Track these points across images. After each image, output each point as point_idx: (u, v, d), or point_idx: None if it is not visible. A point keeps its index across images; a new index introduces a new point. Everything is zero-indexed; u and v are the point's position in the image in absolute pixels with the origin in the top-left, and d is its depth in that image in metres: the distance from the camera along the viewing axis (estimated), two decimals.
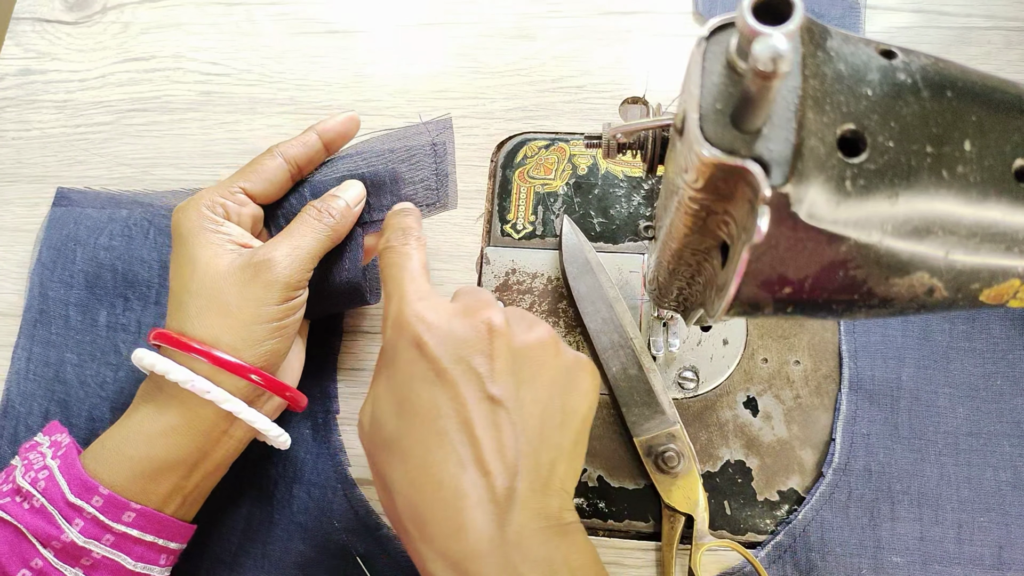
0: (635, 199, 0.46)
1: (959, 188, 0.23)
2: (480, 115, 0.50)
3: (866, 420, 0.41)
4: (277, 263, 0.35)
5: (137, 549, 0.34)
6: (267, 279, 0.34)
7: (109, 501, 0.33)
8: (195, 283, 0.35)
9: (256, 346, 0.35)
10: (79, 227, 0.48)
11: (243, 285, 0.34)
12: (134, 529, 0.34)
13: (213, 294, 0.34)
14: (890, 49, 0.24)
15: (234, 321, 0.34)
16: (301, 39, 0.53)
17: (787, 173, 0.21)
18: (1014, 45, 0.49)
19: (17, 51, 0.55)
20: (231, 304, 0.34)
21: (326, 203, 0.37)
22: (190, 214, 0.36)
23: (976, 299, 0.26)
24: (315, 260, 0.37)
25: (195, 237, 0.35)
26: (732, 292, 0.25)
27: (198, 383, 0.34)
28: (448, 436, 0.28)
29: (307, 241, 0.36)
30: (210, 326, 0.34)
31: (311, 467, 0.43)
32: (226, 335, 0.34)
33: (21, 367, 0.46)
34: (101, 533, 0.33)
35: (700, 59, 0.23)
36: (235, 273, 0.35)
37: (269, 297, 0.34)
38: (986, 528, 0.39)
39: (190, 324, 0.34)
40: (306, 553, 0.41)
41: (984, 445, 0.40)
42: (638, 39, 0.51)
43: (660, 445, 0.40)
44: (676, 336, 0.42)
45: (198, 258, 0.35)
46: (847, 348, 0.42)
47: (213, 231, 0.36)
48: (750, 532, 0.40)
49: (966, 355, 0.42)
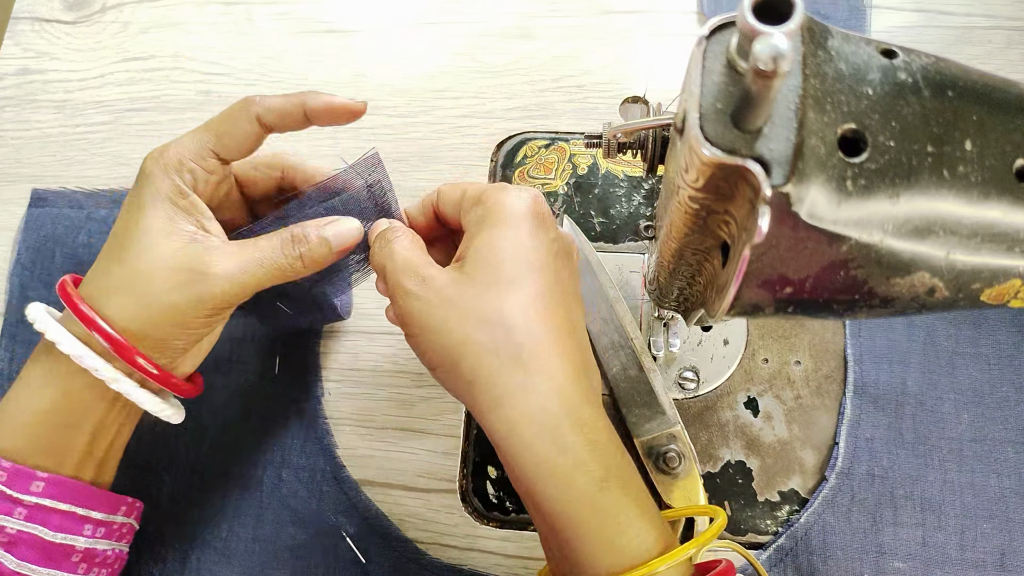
0: (635, 199, 0.46)
1: (960, 188, 0.23)
2: (480, 115, 0.50)
3: (870, 424, 0.41)
4: (215, 281, 0.32)
5: (54, 519, 0.33)
6: (200, 293, 0.32)
7: (13, 473, 0.32)
8: (131, 255, 0.32)
9: (160, 342, 0.33)
10: (57, 226, 0.49)
11: (173, 287, 0.32)
12: (46, 499, 0.33)
13: (141, 277, 0.32)
14: (891, 48, 0.24)
15: (150, 316, 0.32)
16: (301, 39, 0.53)
17: (788, 173, 0.21)
18: (1015, 45, 0.49)
19: (16, 51, 0.55)
20: (154, 299, 0.32)
21: (306, 231, 0.34)
22: (157, 175, 0.33)
23: (977, 299, 0.26)
24: (261, 287, 0.34)
25: (152, 203, 0.33)
26: (733, 292, 0.25)
27: (88, 360, 0.32)
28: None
29: (261, 269, 0.33)
30: (126, 308, 0.32)
31: (299, 451, 0.43)
32: (135, 324, 0.32)
33: (4, 368, 0.47)
34: (11, 507, 0.32)
35: (700, 58, 0.23)
36: (172, 269, 0.32)
37: (193, 309, 0.32)
38: (989, 534, 0.39)
39: (107, 299, 0.32)
40: (297, 536, 0.42)
41: (988, 451, 0.40)
42: (638, 38, 0.51)
43: (661, 446, 0.40)
44: (676, 336, 0.42)
45: (148, 230, 0.32)
46: (852, 352, 0.42)
47: (174, 203, 0.33)
48: (750, 533, 0.40)
49: (972, 361, 0.42)
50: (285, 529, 0.42)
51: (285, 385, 0.45)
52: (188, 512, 0.43)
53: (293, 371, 0.44)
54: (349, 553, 0.41)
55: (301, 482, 0.43)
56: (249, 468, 0.43)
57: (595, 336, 0.42)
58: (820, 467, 0.41)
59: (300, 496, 0.43)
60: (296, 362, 0.45)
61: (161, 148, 0.34)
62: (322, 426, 0.44)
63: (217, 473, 0.43)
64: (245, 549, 0.42)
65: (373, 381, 0.45)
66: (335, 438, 0.44)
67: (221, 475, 0.43)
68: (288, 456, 0.43)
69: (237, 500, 0.43)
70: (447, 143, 0.49)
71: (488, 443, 0.42)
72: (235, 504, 0.43)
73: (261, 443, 0.44)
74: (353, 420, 0.44)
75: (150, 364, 0.33)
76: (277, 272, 0.33)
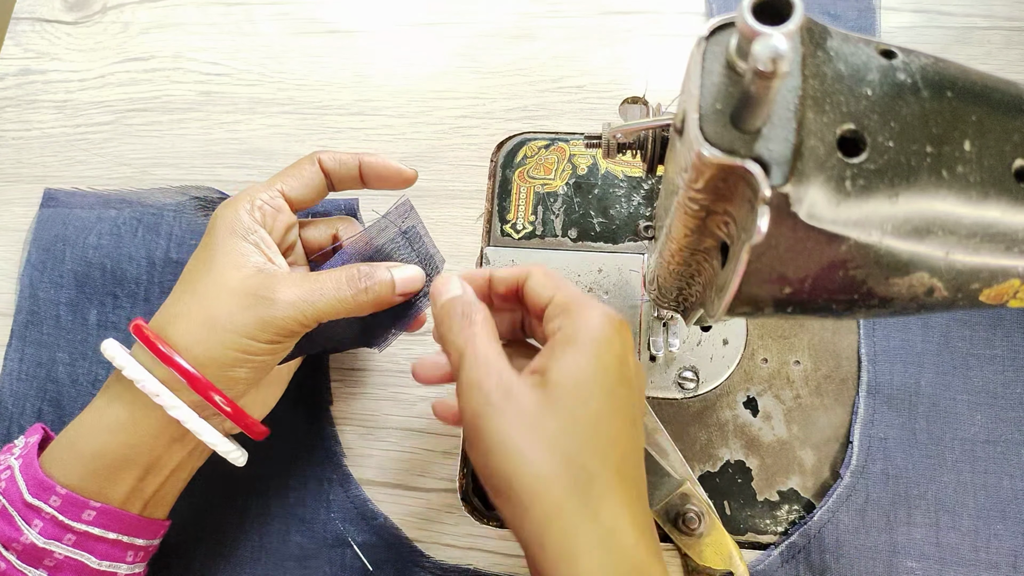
0: (635, 199, 0.46)
1: (959, 188, 0.23)
2: (480, 115, 0.50)
3: (884, 424, 0.41)
4: (279, 307, 0.33)
5: (101, 547, 0.33)
6: (262, 316, 0.33)
7: (67, 500, 0.33)
8: (200, 286, 0.34)
9: (224, 369, 0.33)
10: (67, 227, 0.49)
11: (239, 309, 0.33)
12: (96, 527, 0.33)
13: (209, 304, 0.33)
14: (890, 49, 0.24)
15: (213, 337, 0.33)
16: (301, 39, 0.53)
17: (787, 173, 0.21)
18: (1014, 45, 0.49)
19: (17, 51, 0.55)
20: (218, 321, 0.33)
21: (373, 270, 0.35)
22: (231, 213, 0.35)
23: (976, 299, 0.26)
24: (322, 318, 0.34)
25: (225, 239, 0.34)
26: (732, 292, 0.25)
27: (149, 384, 0.33)
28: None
29: (324, 300, 0.34)
30: (190, 333, 0.33)
31: (305, 459, 0.43)
32: (199, 347, 0.33)
33: (13, 368, 0.46)
34: (62, 533, 0.32)
35: (700, 59, 0.23)
36: (238, 294, 0.33)
37: (256, 333, 0.33)
38: (1002, 536, 0.39)
39: (173, 325, 0.33)
40: (303, 544, 0.42)
41: (1002, 453, 0.40)
42: (638, 39, 0.51)
43: (676, 507, 0.39)
44: (676, 336, 0.42)
45: (217, 262, 0.34)
46: (866, 351, 0.42)
47: (244, 238, 0.34)
48: (750, 532, 0.40)
49: (986, 362, 0.42)
50: (291, 537, 0.42)
51: (293, 393, 0.45)
52: (194, 519, 0.42)
53: (299, 378, 0.44)
54: (356, 562, 0.41)
55: (308, 490, 0.43)
56: (255, 476, 0.43)
57: None
58: (819, 467, 0.41)
59: (307, 504, 0.42)
60: (305, 370, 0.44)
61: (237, 195, 0.36)
62: (329, 433, 0.44)
63: (223, 481, 0.42)
64: (251, 557, 0.42)
65: (373, 381, 0.45)
66: (342, 446, 0.44)
67: (227, 483, 0.42)
68: (295, 464, 0.43)
69: (243, 508, 0.43)
70: (447, 143, 0.49)
71: None
72: (241, 512, 0.42)
73: (268, 450, 0.43)
74: (353, 420, 0.44)
75: (225, 400, 0.34)
76: (339, 304, 0.34)
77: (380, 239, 0.37)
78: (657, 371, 0.43)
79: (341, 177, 0.38)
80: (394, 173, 0.38)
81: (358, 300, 0.34)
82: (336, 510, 0.42)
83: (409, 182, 0.38)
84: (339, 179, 0.38)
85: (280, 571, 0.42)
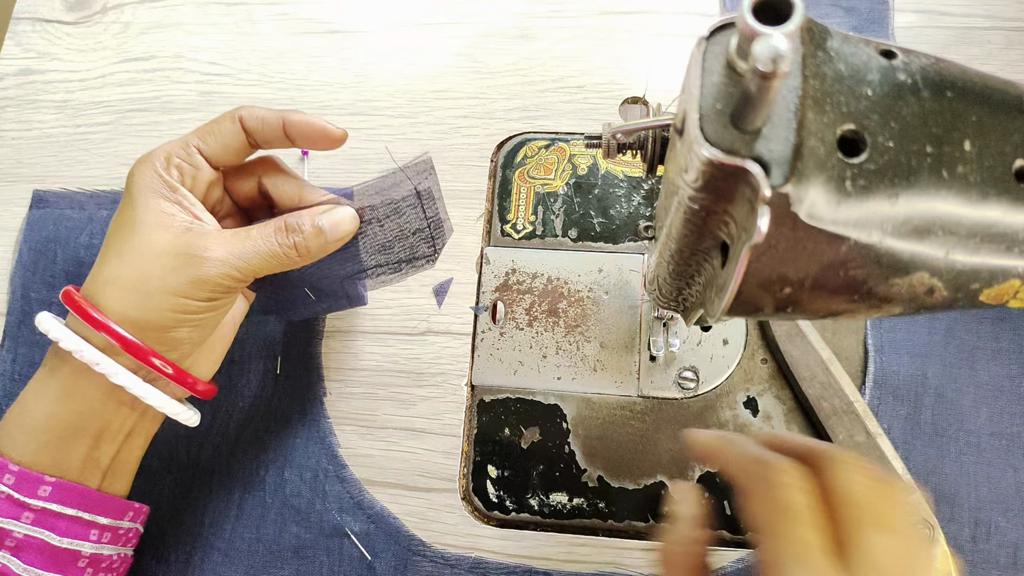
0: (635, 199, 0.46)
1: (959, 188, 0.23)
2: (480, 115, 0.50)
3: (888, 414, 0.41)
4: (211, 264, 0.32)
5: (61, 524, 0.33)
6: (195, 275, 0.32)
7: (21, 477, 0.32)
8: (127, 249, 0.33)
9: (164, 331, 0.33)
10: (58, 228, 0.49)
11: (170, 270, 0.32)
12: (53, 503, 0.33)
13: (138, 267, 0.33)
14: (890, 49, 0.24)
15: (149, 302, 0.32)
16: (301, 39, 0.53)
17: (787, 173, 0.21)
18: (1014, 45, 0.49)
19: (17, 51, 0.55)
20: (151, 284, 0.32)
21: (300, 220, 0.34)
22: (145, 172, 0.34)
23: (976, 299, 0.26)
24: (257, 274, 0.34)
25: (148, 200, 0.33)
26: (732, 292, 0.25)
27: (87, 353, 0.32)
28: None
29: (256, 256, 0.33)
30: (122, 299, 0.32)
31: (301, 450, 0.44)
32: (135, 312, 0.32)
33: (6, 368, 0.47)
34: (19, 511, 0.32)
35: (700, 59, 0.23)
36: (167, 254, 0.32)
37: (191, 292, 0.32)
38: (1003, 528, 0.39)
39: (104, 292, 0.33)
40: (301, 535, 0.42)
41: (1006, 446, 0.41)
42: (638, 39, 0.51)
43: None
44: (676, 336, 0.42)
45: (140, 222, 0.33)
46: (873, 343, 0.43)
47: (164, 195, 0.33)
48: (750, 532, 0.40)
49: (992, 356, 0.42)
50: (288, 529, 0.42)
51: (286, 385, 0.45)
52: (191, 513, 0.43)
53: (294, 371, 0.45)
54: (354, 551, 0.41)
55: (304, 482, 0.43)
56: (251, 468, 0.43)
57: (815, 402, 0.40)
58: None
59: (303, 496, 0.43)
60: (297, 362, 0.45)
61: (148, 151, 0.35)
62: (324, 425, 0.44)
63: (219, 473, 0.43)
64: (248, 549, 0.42)
65: (373, 381, 0.45)
66: (337, 437, 0.44)
67: (223, 475, 0.43)
68: (290, 456, 0.43)
69: (240, 500, 0.43)
70: (447, 143, 0.49)
71: (488, 443, 0.42)
72: (238, 504, 0.43)
73: (263, 443, 0.44)
74: (353, 420, 0.44)
75: (165, 363, 0.33)
76: (271, 259, 0.34)
77: (393, 192, 0.35)
78: (657, 371, 0.43)
79: (265, 136, 0.36)
80: (319, 132, 0.36)
81: (289, 255, 0.34)
82: (332, 500, 0.43)
83: (337, 142, 0.36)
84: (263, 138, 0.36)
85: (278, 562, 0.42)
